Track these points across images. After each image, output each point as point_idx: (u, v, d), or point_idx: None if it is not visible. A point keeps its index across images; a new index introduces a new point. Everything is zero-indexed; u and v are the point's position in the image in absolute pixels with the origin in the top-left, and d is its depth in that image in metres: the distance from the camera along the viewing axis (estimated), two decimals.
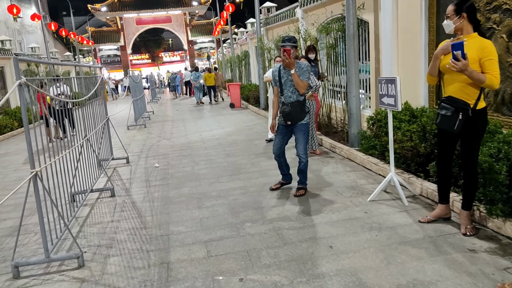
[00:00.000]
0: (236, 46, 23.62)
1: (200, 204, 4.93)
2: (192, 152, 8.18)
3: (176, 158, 7.68)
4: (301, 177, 5.03)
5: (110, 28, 45.10)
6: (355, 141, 6.85)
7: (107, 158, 7.38)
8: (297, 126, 4.89)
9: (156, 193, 5.54)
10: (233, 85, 16.56)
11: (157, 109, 18.15)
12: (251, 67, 19.17)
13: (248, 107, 15.44)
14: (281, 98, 4.90)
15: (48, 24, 21.71)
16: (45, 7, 35.91)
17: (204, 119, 13.58)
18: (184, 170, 6.72)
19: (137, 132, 11.65)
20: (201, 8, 43.14)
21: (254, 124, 11.38)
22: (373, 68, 7.30)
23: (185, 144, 9.09)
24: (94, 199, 5.48)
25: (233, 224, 4.19)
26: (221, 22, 26.82)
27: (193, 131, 11.04)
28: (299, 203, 4.69)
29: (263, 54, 13.91)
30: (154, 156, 8.11)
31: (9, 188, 6.46)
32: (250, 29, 18.54)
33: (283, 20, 11.85)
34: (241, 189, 5.38)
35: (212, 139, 9.45)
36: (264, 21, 14.23)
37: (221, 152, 7.88)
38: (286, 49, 4.68)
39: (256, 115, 13.26)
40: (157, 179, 6.27)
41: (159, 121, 13.89)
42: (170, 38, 53.72)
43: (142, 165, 7.39)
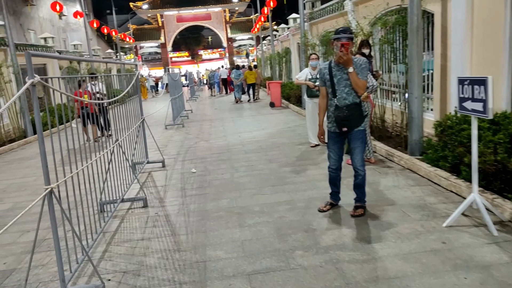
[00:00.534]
0: (277, 43, 22.91)
1: (241, 221, 4.30)
2: (231, 156, 7.59)
3: (214, 163, 7.12)
4: (358, 193, 4.29)
5: (151, 25, 45.59)
6: (416, 148, 6.01)
7: (142, 162, 6.93)
8: (353, 133, 4.16)
9: (192, 204, 4.97)
10: (273, 83, 15.89)
11: (195, 107, 17.79)
12: (292, 64, 18.41)
13: (289, 107, 14.73)
14: (333, 101, 4.16)
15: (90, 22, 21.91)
16: (89, 6, 36.66)
17: (243, 118, 13.00)
18: (223, 177, 6.13)
19: (174, 132, 11.23)
20: (241, 5, 42.71)
21: (296, 125, 10.67)
22: (438, 66, 6.40)
23: (223, 147, 8.52)
24: (125, 209, 4.98)
25: (281, 252, 3.53)
26: (261, 19, 26.20)
27: (232, 132, 10.48)
28: (358, 226, 3.96)
29: (306, 51, 13.14)
30: (191, 159, 7.58)
31: (39, 192, 6.10)
32: (292, 24, 17.79)
33: (330, 14, 11.03)
34: (287, 204, 4.70)
35: (252, 142, 8.83)
36: (309, 15, 13.44)
37: (262, 157, 7.24)
38: (344, 43, 3.94)
39: (297, 116, 12.53)
40: (194, 188, 5.71)
41: (197, 120, 13.45)
42: (209, 35, 53.74)
43: (178, 169, 6.88)
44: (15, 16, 21.15)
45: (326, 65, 4.24)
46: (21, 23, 21.77)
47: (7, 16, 11.41)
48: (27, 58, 2.68)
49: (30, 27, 22.68)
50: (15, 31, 20.79)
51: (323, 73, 4.23)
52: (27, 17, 22.71)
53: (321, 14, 12.02)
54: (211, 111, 16.19)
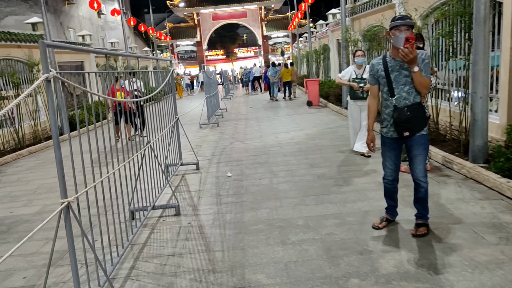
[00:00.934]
0: (314, 40, 22.23)
1: (284, 237, 3.79)
2: (269, 158, 7.09)
3: (251, 166, 6.65)
4: (420, 208, 3.69)
5: (187, 24, 45.78)
6: (479, 155, 5.30)
7: (176, 164, 6.56)
8: (415, 138, 3.55)
9: (228, 214, 4.52)
10: (311, 81, 15.27)
11: (230, 106, 17.43)
12: (331, 61, 17.71)
13: (328, 106, 14.07)
14: (389, 101, 3.56)
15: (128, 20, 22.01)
16: (127, 4, 37.17)
17: (279, 118, 12.47)
18: (261, 183, 5.64)
19: (209, 132, 10.87)
20: (277, 2, 42.13)
21: (337, 126, 10.04)
22: (506, 62, 5.65)
23: (260, 148, 8.04)
24: (156, 217, 4.59)
25: (333, 279, 3.00)
26: (298, 15, 25.55)
27: (269, 132, 9.98)
28: (421, 249, 3.36)
29: (348, 47, 12.45)
30: (226, 161, 7.15)
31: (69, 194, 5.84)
32: (332, 20, 17.08)
33: (375, 7, 10.32)
34: (335, 218, 4.16)
35: (291, 143, 8.29)
36: (350, 10, 12.73)
37: (303, 161, 6.70)
38: (410, 37, 3.28)
39: (338, 115, 11.88)
40: (229, 194, 5.25)
41: (232, 120, 13.05)
42: (244, 33, 53.49)
43: (213, 172, 6.46)
44: (55, 15, 21.55)
45: (380, 60, 3.65)
46: (61, 22, 22.17)
47: (45, 13, 11.40)
48: (41, 49, 2.28)
49: (70, 26, 23.09)
50: (55, 30, 21.20)
51: (375, 70, 3.64)
52: (67, 15, 23.12)
53: (365, 8, 11.31)
54: (246, 110, 15.77)
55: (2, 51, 10.38)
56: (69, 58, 14.32)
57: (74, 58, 14.95)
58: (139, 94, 8.46)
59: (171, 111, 6.41)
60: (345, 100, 12.49)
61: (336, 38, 16.42)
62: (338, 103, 13.34)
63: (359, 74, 6.50)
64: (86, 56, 15.93)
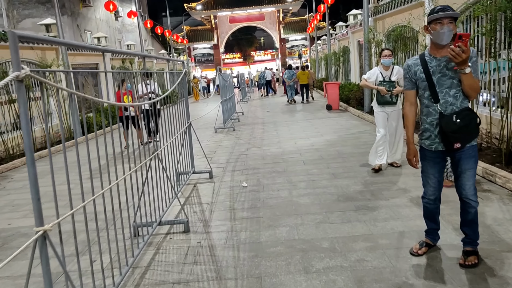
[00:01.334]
0: (333, 42, 21.62)
1: (307, 263, 3.27)
2: (288, 167, 6.58)
3: (268, 175, 6.15)
4: (469, 232, 3.12)
5: (204, 26, 45.62)
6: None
7: (187, 172, 6.11)
8: (465, 150, 3.00)
9: (242, 232, 4.02)
10: (331, 84, 14.69)
11: (246, 109, 16.97)
12: (351, 64, 17.09)
13: (349, 110, 13.48)
14: (433, 108, 3.01)
15: (144, 22, 21.84)
16: (144, 7, 37.19)
17: (298, 122, 11.94)
18: (279, 195, 5.13)
19: (224, 136, 10.41)
20: (295, 4, 41.57)
21: (359, 131, 9.46)
22: None
23: (278, 156, 7.54)
24: (163, 234, 4.12)
25: None
26: (317, 17, 25.00)
27: (287, 137, 9.47)
28: (473, 285, 2.80)
29: (370, 49, 11.87)
30: (241, 170, 6.67)
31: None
32: (352, 21, 16.48)
33: (401, 6, 9.71)
34: (365, 240, 3.62)
35: (311, 150, 7.77)
36: (373, 10, 12.14)
37: (324, 170, 6.17)
38: (463, 34, 2.73)
39: (359, 120, 11.29)
40: (245, 208, 4.76)
41: (249, 124, 12.58)
42: (261, 37, 53.12)
43: (227, 182, 5.98)
44: (72, 17, 21.51)
45: (417, 60, 3.08)
46: (78, 24, 22.12)
47: (59, 14, 11.17)
48: (11, 41, 1.82)
49: (87, 28, 23.03)
50: (72, 32, 21.15)
51: (413, 72, 3.09)
52: (84, 18, 23.08)
53: (389, 7, 10.71)
54: (263, 114, 15.28)
55: None
56: (83, 60, 14.09)
57: (88, 60, 14.72)
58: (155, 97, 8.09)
59: (183, 116, 5.97)
60: (368, 105, 11.92)
61: (357, 39, 15.82)
62: (359, 107, 12.74)
63: (386, 77, 5.75)
64: (101, 58, 15.70)
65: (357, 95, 13.24)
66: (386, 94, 5.69)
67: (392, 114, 5.83)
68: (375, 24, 12.19)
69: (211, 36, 44.38)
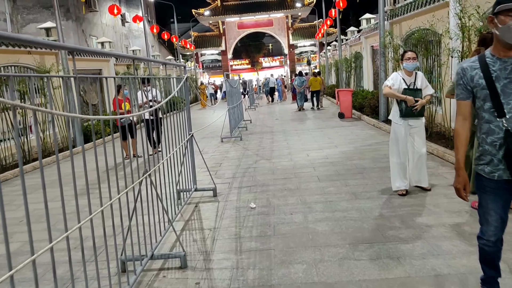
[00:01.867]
0: (345, 48, 20.96)
1: None
2: (301, 184, 5.89)
3: (279, 194, 5.46)
4: None
5: (212, 33, 45.24)
6: None
7: (189, 189, 5.45)
8: None
9: (250, 270, 3.33)
10: (343, 91, 13.99)
11: (254, 117, 16.32)
12: (364, 70, 16.41)
13: (362, 118, 12.77)
14: (495, 123, 2.31)
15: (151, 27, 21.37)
16: (152, 13, 36.90)
17: (309, 131, 11.25)
18: (293, 220, 4.44)
19: (231, 147, 9.76)
20: (304, 10, 41.02)
21: (377, 142, 8.74)
22: None
23: (289, 170, 6.85)
24: (155, 271, 3.45)
25: None
26: (327, 22, 24.36)
27: (298, 148, 8.79)
28: None
29: (386, 54, 11.18)
30: (249, 186, 5.99)
31: (57, 227, 4.80)
32: (365, 26, 15.81)
33: (421, 8, 9.02)
34: (403, 286, 2.91)
35: (325, 164, 7.07)
36: (390, 13, 11.47)
37: (342, 189, 5.47)
38: None
39: (375, 130, 10.57)
40: (253, 235, 4.08)
41: (257, 133, 11.92)
42: (270, 43, 52.64)
43: (233, 201, 5.30)
44: (77, 22, 21.11)
45: (475, 63, 2.38)
46: (83, 29, 21.72)
47: (59, 18, 10.65)
48: None
49: (93, 33, 22.63)
50: (77, 37, 20.74)
51: (468, 76, 2.38)
52: (89, 23, 22.69)
53: (408, 9, 10.02)
54: (272, 122, 14.61)
55: (10, 57, 9.61)
56: (84, 66, 13.56)
57: (91, 66, 14.20)
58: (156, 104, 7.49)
59: (184, 126, 5.33)
60: (384, 113, 11.19)
61: (371, 44, 15.15)
62: (374, 116, 12.02)
63: (411, 83, 4.89)
64: (105, 64, 15.20)
65: (371, 102, 12.53)
66: (414, 104, 4.80)
67: (416, 129, 4.94)
68: (391, 28, 11.50)
69: (219, 42, 43.96)
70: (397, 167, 4.98)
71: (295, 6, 40.26)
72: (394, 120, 5.02)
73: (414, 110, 4.78)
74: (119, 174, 3.09)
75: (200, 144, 10.65)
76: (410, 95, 4.79)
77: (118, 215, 2.92)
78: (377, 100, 12.07)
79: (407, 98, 4.80)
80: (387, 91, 4.99)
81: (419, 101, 4.80)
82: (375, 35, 13.93)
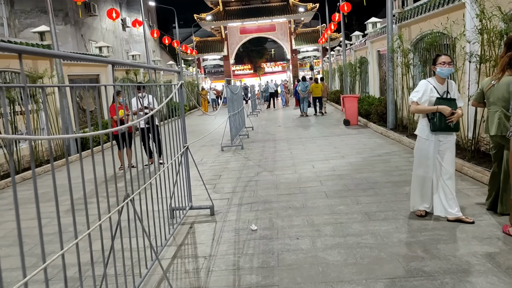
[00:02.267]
0: (349, 52, 20.46)
1: None
2: (307, 201, 5.36)
3: (283, 213, 4.93)
4: None
5: (214, 38, 44.86)
6: None
7: (183, 207, 4.93)
8: None
9: None
10: (349, 97, 13.47)
11: (256, 123, 15.81)
12: (370, 76, 15.88)
13: (369, 126, 12.24)
14: None
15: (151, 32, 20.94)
16: (153, 18, 36.56)
17: (314, 139, 10.72)
18: (299, 246, 3.91)
19: (232, 156, 9.23)
20: (307, 15, 40.61)
21: (386, 152, 8.21)
22: None
23: (294, 184, 6.32)
24: None
25: None
26: (330, 27, 23.90)
27: (303, 158, 8.26)
28: None
29: (395, 59, 10.67)
30: (250, 203, 5.46)
31: (34, 253, 4.27)
32: (372, 30, 15.30)
33: (434, 10, 8.51)
34: None
35: (333, 177, 6.54)
36: (398, 16, 10.96)
37: (354, 207, 4.93)
38: None
39: (384, 138, 10.03)
40: (254, 266, 3.55)
41: (259, 141, 11.40)
42: (272, 48, 52.27)
43: (232, 221, 4.78)
44: (76, 26, 20.69)
45: None
46: (82, 34, 21.30)
47: (53, 21, 10.18)
48: None
49: (92, 38, 22.20)
50: (76, 41, 20.31)
51: None
52: (89, 27, 22.27)
53: (418, 12, 9.51)
54: (275, 128, 14.09)
55: (0, 62, 9.14)
56: (80, 71, 13.09)
57: (86, 71, 13.73)
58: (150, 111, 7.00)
59: (179, 137, 4.82)
60: (391, 122, 10.67)
61: (377, 49, 14.64)
62: (382, 123, 11.50)
63: (444, 93, 4.14)
64: (102, 69, 14.74)
65: (378, 109, 12.01)
66: (450, 117, 4.06)
67: (447, 145, 4.19)
68: (400, 32, 10.99)
69: (221, 47, 43.58)
70: (421, 183, 4.32)
71: (298, 11, 39.87)
72: (422, 135, 4.25)
73: (449, 123, 4.07)
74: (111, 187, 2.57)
75: (199, 153, 10.20)
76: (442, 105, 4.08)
77: (107, 237, 2.40)
78: (384, 107, 11.56)
79: (442, 109, 4.05)
80: (415, 108, 4.22)
81: (456, 113, 4.07)
82: (382, 39, 13.42)
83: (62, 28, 19.78)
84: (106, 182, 2.66)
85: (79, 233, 2.34)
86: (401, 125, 10.78)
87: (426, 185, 4.31)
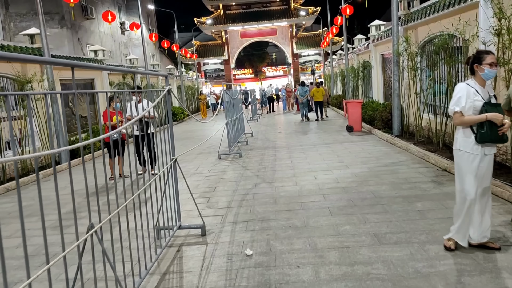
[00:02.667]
0: (351, 56, 19.99)
1: None
2: (309, 219, 4.85)
3: (282, 233, 4.42)
4: None
5: (215, 42, 44.50)
6: None
7: (171, 227, 4.42)
8: None
9: None
10: (352, 102, 12.97)
11: (256, 129, 15.31)
12: (373, 80, 15.40)
13: (373, 132, 11.73)
14: None
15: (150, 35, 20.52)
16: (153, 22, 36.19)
17: (316, 147, 10.21)
18: (300, 277, 3.39)
19: (229, 165, 8.73)
20: (308, 19, 40.24)
21: (393, 162, 7.69)
22: None
23: (294, 197, 5.81)
24: None
25: None
26: (332, 30, 23.44)
27: (304, 168, 7.75)
28: None
29: (400, 62, 10.18)
30: (246, 221, 4.95)
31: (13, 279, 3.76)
32: (375, 33, 14.82)
33: (444, 10, 8.01)
34: None
35: (336, 190, 6.03)
36: (404, 17, 10.48)
37: (361, 227, 4.42)
38: None
39: (389, 146, 9.52)
40: None
41: (258, 148, 10.89)
42: (273, 52, 51.90)
43: (224, 244, 4.26)
44: (72, 30, 20.26)
45: None
46: (79, 37, 20.88)
47: (43, 23, 9.73)
48: None
49: (89, 42, 21.78)
50: (72, 45, 19.89)
51: None
52: (86, 31, 21.86)
53: (426, 13, 9.01)
54: (274, 135, 13.59)
55: None
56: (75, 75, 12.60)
57: (82, 75, 13.28)
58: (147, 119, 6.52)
59: (166, 149, 4.33)
60: (397, 128, 10.16)
61: (381, 53, 14.16)
62: (387, 130, 10.99)
63: (486, 97, 3.45)
64: (97, 74, 14.28)
65: (383, 115, 11.50)
66: (502, 126, 3.36)
67: (489, 157, 3.50)
68: (406, 34, 10.50)
69: (221, 51, 43.20)
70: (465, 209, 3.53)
71: (299, 15, 39.51)
72: (466, 149, 3.48)
73: (500, 132, 3.37)
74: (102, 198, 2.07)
75: (195, 161, 9.69)
76: (491, 112, 3.37)
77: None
78: (389, 112, 11.05)
79: (493, 116, 3.33)
80: (459, 121, 3.47)
81: (507, 122, 3.39)
82: (386, 43, 12.95)
83: (58, 31, 19.37)
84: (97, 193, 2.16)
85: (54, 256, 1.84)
86: (407, 132, 10.27)
87: (473, 209, 3.57)
